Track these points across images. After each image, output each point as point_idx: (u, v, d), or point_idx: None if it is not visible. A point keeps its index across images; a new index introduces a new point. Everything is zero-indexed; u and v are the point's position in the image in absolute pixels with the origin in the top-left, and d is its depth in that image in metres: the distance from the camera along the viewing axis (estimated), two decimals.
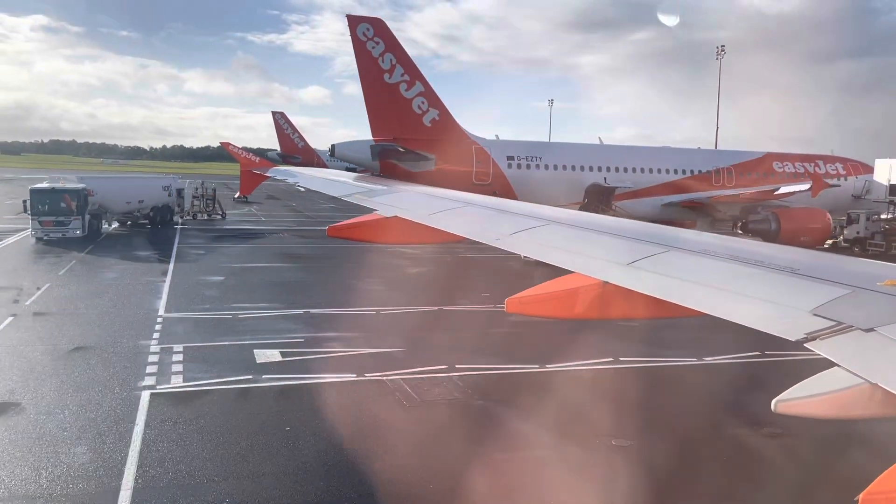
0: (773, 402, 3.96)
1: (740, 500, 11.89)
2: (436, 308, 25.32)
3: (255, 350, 18.64)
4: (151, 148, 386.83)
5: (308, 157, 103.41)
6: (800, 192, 37.61)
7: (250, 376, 16.51)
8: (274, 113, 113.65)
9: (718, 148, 68.87)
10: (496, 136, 47.54)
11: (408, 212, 9.94)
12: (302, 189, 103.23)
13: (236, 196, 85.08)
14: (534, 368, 18.36)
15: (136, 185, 48.12)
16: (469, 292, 28.62)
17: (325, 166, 70.09)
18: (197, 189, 57.24)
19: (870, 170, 48.56)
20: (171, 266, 32.20)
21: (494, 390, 16.55)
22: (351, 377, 16.81)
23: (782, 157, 48.99)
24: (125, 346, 18.92)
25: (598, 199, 43.87)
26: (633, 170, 45.93)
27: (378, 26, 42.24)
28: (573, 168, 45.19)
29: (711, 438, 14.00)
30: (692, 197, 43.42)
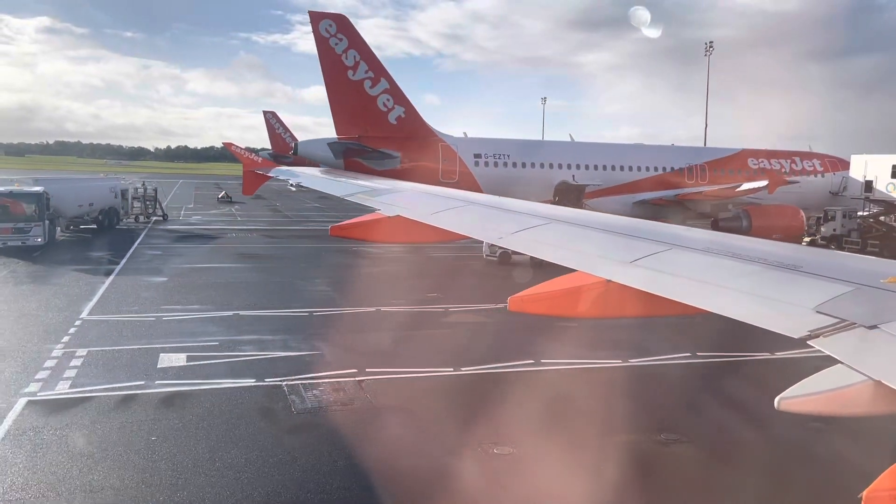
0: (776, 399, 3.88)
1: None
2: (373, 309, 24.68)
3: (161, 354, 18.05)
4: (156, 149, 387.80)
5: (300, 156, 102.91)
6: (757, 189, 36.77)
7: (142, 382, 15.91)
8: (265, 112, 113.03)
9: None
10: (464, 133, 46.85)
11: (410, 211, 9.88)
12: (293, 188, 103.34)
13: (220, 196, 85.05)
14: (448, 371, 17.71)
15: (86, 188, 45.48)
16: (416, 292, 28.02)
17: (318, 165, 69.76)
18: (137, 190, 54.39)
19: (847, 166, 47.68)
20: (119, 267, 31.63)
21: (396, 395, 15.91)
22: (249, 382, 16.20)
23: (757, 154, 48.14)
24: (29, 350, 18.34)
25: (568, 197, 43.12)
26: (604, 167, 45.18)
27: (341, 22, 41.64)
28: (542, 166, 44.48)
29: (600, 445, 13.32)
30: (661, 195, 42.67)
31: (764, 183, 37.00)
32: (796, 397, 3.85)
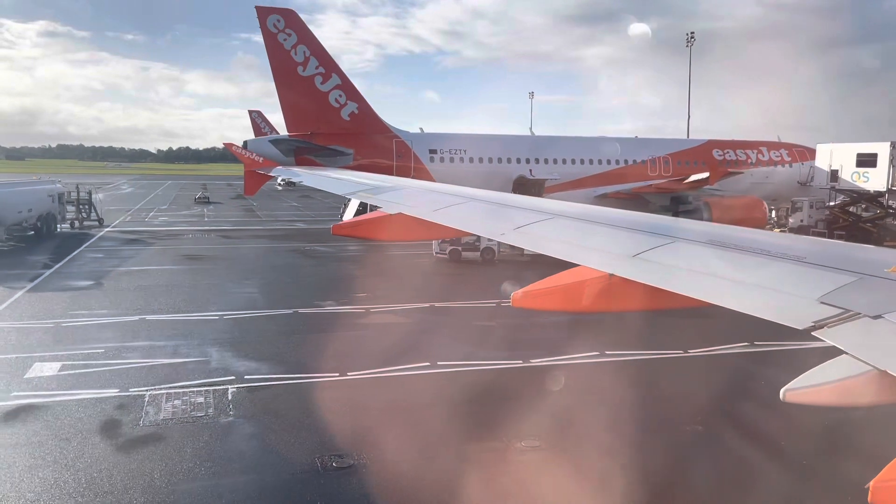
0: (782, 391, 3.87)
1: None
2: (290, 311, 23.91)
3: (36, 363, 17.30)
4: (158, 150, 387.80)
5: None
6: (700, 181, 35.83)
7: None
8: (251, 112, 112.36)
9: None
10: (420, 129, 45.96)
11: (412, 208, 9.84)
12: (280, 187, 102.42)
13: (197, 196, 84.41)
14: (333, 377, 16.92)
15: (25, 192, 42.88)
16: (346, 292, 27.25)
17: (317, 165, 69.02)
18: (71, 194, 50.88)
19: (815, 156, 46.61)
20: (49, 273, 30.88)
21: (263, 403, 15.09)
22: (111, 393, 15.43)
23: (723, 145, 47.16)
24: None
25: (527, 192, 42.17)
26: (564, 161, 44.29)
27: (289, 17, 40.83)
28: (500, 160, 43.63)
29: (457, 452, 12.50)
30: (618, 189, 41.73)
31: (705, 175, 36.03)
32: (801, 388, 3.83)
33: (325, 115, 41.79)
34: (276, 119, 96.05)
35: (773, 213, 49.67)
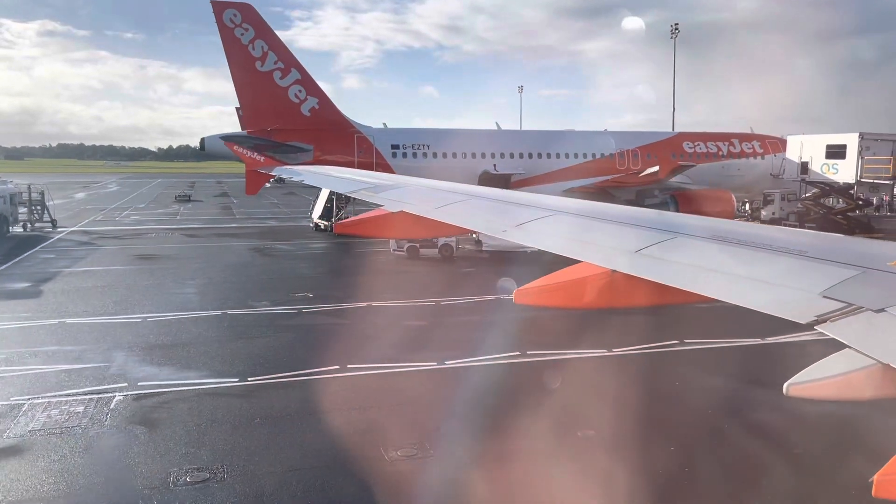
0: (785, 385, 3.82)
1: None
2: (219, 313, 23.30)
3: None
4: (158, 148, 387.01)
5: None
6: (652, 174, 35.10)
7: None
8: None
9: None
10: (384, 124, 45.26)
11: (414, 206, 9.82)
12: (268, 184, 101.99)
13: (178, 194, 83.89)
14: (232, 382, 16.32)
15: None
16: (288, 292, 26.68)
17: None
18: (22, 195, 48.30)
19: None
20: None
21: (145, 413, 14.46)
22: None
23: (693, 137, 46.40)
24: None
25: (493, 187, 41.48)
26: (530, 155, 43.60)
27: (246, 12, 40.16)
28: (464, 156, 42.95)
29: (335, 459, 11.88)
30: (582, 183, 41.00)
31: (656, 168, 35.31)
32: (804, 383, 3.81)
33: (285, 111, 41.16)
34: None
35: (748, 205, 48.96)
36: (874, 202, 40.88)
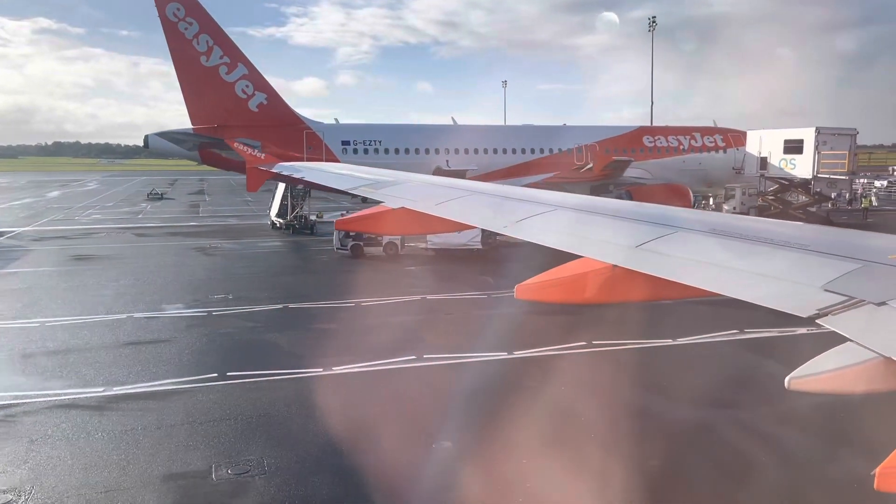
0: (787, 379, 3.77)
1: None
2: (125, 316, 22.48)
3: None
4: None
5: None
6: (588, 170, 34.24)
7: None
8: None
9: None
10: (335, 119, 44.32)
11: (414, 202, 9.79)
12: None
13: (149, 192, 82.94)
14: (95, 392, 15.50)
15: None
16: (207, 294, 25.88)
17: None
18: None
19: None
20: None
21: None
22: None
23: (654, 131, 45.55)
24: None
25: None
26: (485, 151, 42.73)
27: (190, 6, 39.20)
28: (416, 152, 42.08)
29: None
30: (534, 179, 40.12)
31: (590, 164, 34.44)
32: (806, 376, 3.82)
33: (232, 107, 40.26)
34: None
35: (711, 200, 48.14)
36: (833, 197, 39.96)
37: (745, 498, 11.23)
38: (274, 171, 24.66)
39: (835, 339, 3.82)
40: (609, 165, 36.39)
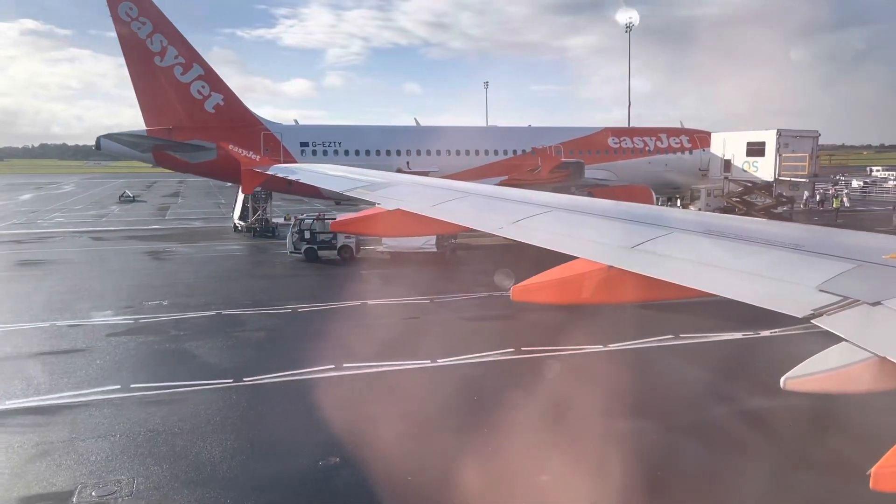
0: (782, 379, 3.78)
1: None
2: (47, 324, 21.71)
3: None
4: None
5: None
6: (537, 171, 33.76)
7: None
8: None
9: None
10: (295, 121, 43.61)
11: (410, 204, 9.86)
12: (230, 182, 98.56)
13: (121, 195, 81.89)
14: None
15: None
16: (144, 299, 25.14)
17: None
18: None
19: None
20: None
21: None
22: None
23: (620, 132, 45.11)
24: None
25: None
26: (448, 152, 42.14)
27: (143, 5, 38.39)
28: (377, 153, 41.44)
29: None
30: (493, 182, 39.51)
31: (538, 167, 33.96)
32: (801, 376, 3.80)
33: (187, 108, 39.50)
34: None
35: (679, 201, 47.73)
36: (805, 198, 39.61)
37: None
38: (269, 172, 24.34)
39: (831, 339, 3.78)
40: (559, 167, 35.81)
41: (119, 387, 15.98)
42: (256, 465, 12.04)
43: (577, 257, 6.08)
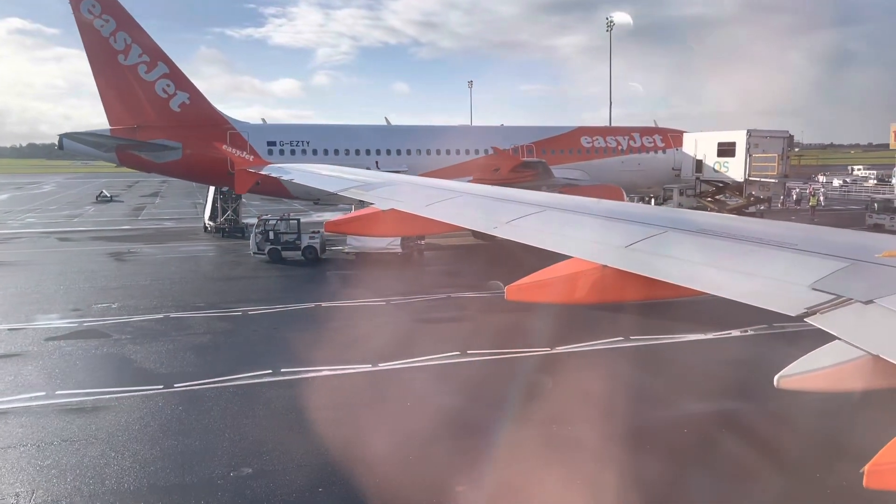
0: (776, 377, 3.81)
1: None
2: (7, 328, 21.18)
3: None
4: None
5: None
6: (496, 170, 33.45)
7: None
8: None
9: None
10: (263, 119, 43.07)
11: (404, 204, 9.83)
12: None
13: (98, 195, 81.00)
14: None
15: None
16: (93, 302, 24.63)
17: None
18: None
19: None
20: None
21: None
22: None
23: (593, 132, 44.79)
24: None
25: None
26: (419, 152, 41.71)
27: (106, 3, 37.68)
28: (346, 153, 40.93)
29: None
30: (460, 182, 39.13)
31: (497, 168, 33.65)
32: (795, 375, 3.79)
33: (152, 107, 38.86)
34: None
35: (653, 200, 47.49)
36: (782, 198, 39.49)
37: None
38: (262, 173, 24.10)
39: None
40: (520, 167, 35.45)
41: (44, 393, 15.52)
42: (166, 476, 11.60)
43: (565, 257, 6.04)
